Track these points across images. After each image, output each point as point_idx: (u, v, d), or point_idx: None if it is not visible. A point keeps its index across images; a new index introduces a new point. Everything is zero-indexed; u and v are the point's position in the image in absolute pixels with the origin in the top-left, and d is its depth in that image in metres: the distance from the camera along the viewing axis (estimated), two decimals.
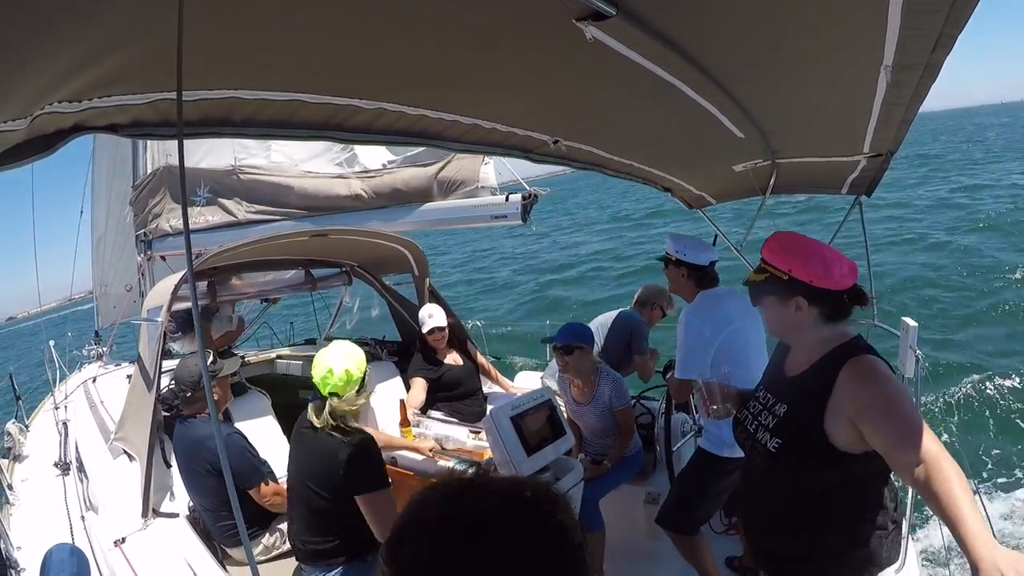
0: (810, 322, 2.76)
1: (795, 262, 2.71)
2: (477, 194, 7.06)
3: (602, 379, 5.24)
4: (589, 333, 5.37)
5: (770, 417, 2.88)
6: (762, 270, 2.85)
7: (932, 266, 20.75)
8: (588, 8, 1.63)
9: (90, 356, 10.35)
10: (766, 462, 2.85)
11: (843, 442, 2.55)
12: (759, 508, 3.04)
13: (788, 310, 2.78)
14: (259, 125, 2.19)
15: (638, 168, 4.56)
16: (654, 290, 6.90)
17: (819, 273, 2.68)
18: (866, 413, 2.45)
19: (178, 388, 4.64)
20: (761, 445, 2.86)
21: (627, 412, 5.28)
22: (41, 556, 3.46)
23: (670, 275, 4.69)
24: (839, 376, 2.58)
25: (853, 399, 2.51)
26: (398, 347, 7.93)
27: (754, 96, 2.88)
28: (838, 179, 5.01)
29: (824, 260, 2.71)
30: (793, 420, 2.75)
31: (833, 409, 2.57)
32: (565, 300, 24.25)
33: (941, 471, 2.13)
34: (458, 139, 3.02)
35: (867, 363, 2.58)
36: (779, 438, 2.78)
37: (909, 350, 4.01)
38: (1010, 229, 24.05)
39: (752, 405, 3.09)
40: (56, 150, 1.68)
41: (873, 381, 2.52)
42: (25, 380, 12.46)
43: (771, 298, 2.83)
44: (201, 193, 8.61)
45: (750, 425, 3.01)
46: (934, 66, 2.24)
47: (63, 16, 1.20)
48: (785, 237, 2.86)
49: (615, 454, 5.27)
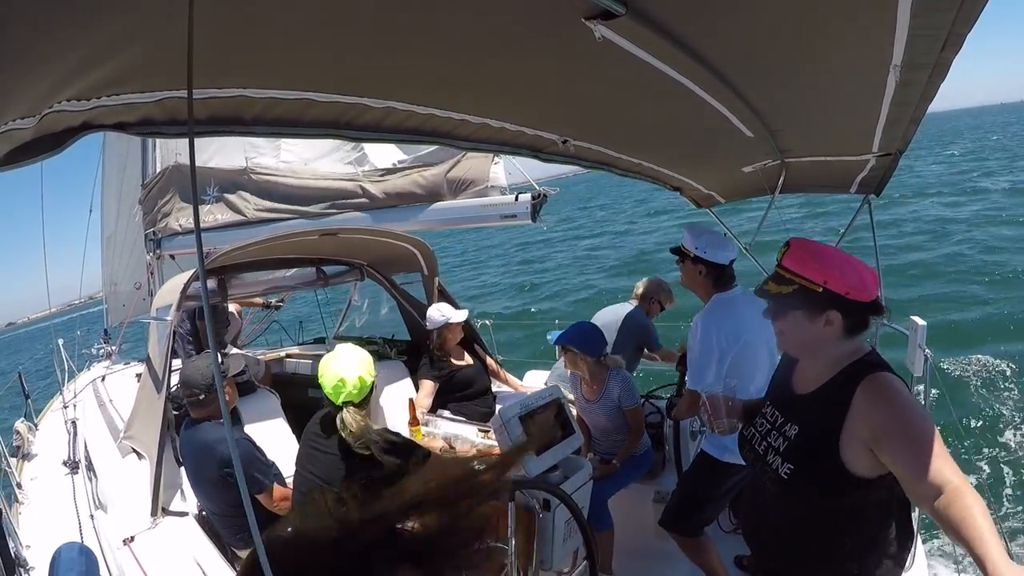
0: (834, 338, 2.60)
1: (831, 273, 2.51)
2: (487, 193, 7.04)
3: (611, 378, 5.22)
4: (583, 335, 5.29)
5: (780, 439, 2.75)
6: (788, 281, 2.61)
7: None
8: (597, 7, 1.63)
9: (99, 355, 10.38)
10: (777, 487, 2.72)
11: (859, 467, 2.45)
12: (766, 531, 2.96)
13: (817, 325, 2.57)
14: (268, 124, 2.18)
15: (647, 167, 4.56)
16: (655, 284, 6.90)
17: (855, 284, 2.51)
18: (883, 439, 2.34)
19: (187, 391, 4.62)
20: (772, 470, 2.73)
21: (636, 412, 5.27)
22: (50, 555, 3.47)
23: (686, 271, 4.50)
24: (855, 396, 2.47)
25: (869, 422, 2.40)
26: (407, 346, 7.94)
27: (763, 95, 2.87)
28: (847, 178, 5.00)
29: (856, 270, 2.55)
30: (806, 444, 2.63)
31: (848, 431, 2.46)
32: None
33: (962, 498, 2.05)
34: (467, 138, 3.01)
35: (884, 381, 2.46)
36: (791, 463, 2.64)
37: (918, 349, 4.00)
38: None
39: (759, 423, 2.95)
40: (65, 148, 1.68)
41: (888, 402, 2.41)
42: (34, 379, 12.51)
43: (798, 312, 2.61)
44: (211, 192, 8.64)
45: (758, 445, 2.88)
46: (943, 65, 2.23)
47: (72, 15, 1.20)
48: (810, 244, 2.68)
49: (624, 453, 5.27)
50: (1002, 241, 22.38)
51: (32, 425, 7.64)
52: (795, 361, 2.92)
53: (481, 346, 7.30)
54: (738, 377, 3.64)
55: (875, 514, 2.59)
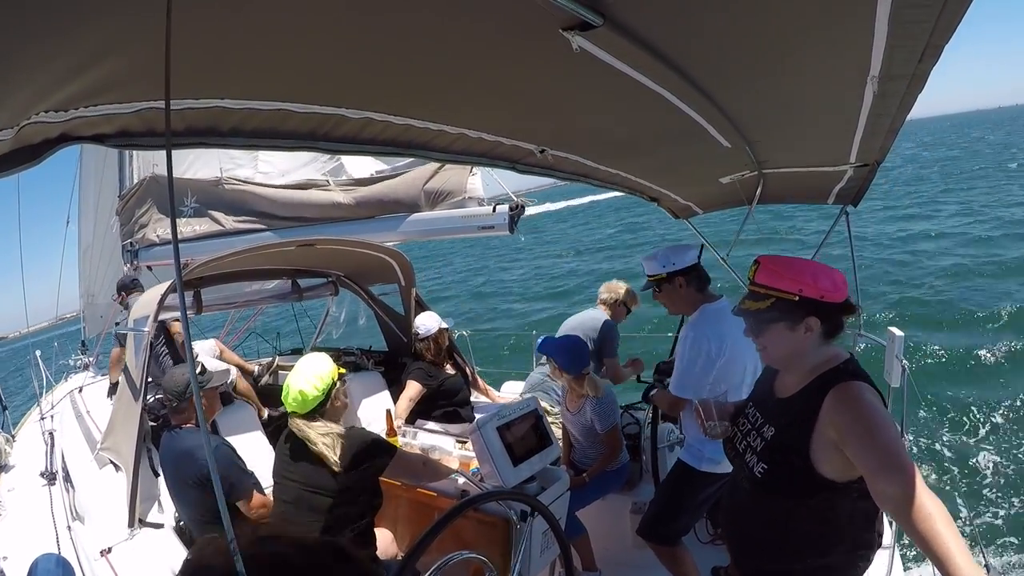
0: (813, 344, 2.69)
1: (804, 280, 2.63)
2: (465, 204, 7.04)
3: (587, 402, 5.23)
4: (565, 351, 5.31)
5: (758, 439, 2.84)
6: (764, 296, 2.72)
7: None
8: (575, 18, 1.63)
9: (77, 366, 10.34)
10: (751, 486, 2.83)
11: (829, 469, 2.53)
12: (742, 527, 3.02)
13: (797, 334, 2.68)
14: (245, 135, 2.19)
15: (624, 178, 4.56)
16: (618, 287, 6.89)
17: (828, 287, 2.62)
18: (847, 438, 2.42)
19: (165, 398, 4.61)
20: (748, 468, 2.83)
21: (611, 435, 5.26)
22: (27, 566, 3.46)
23: (667, 295, 4.49)
24: (824, 402, 2.54)
25: (835, 424, 2.48)
26: (384, 357, 7.94)
27: (740, 106, 2.88)
28: (825, 189, 5.02)
29: (826, 273, 2.66)
30: (780, 445, 2.71)
31: (819, 434, 2.54)
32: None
33: (921, 508, 2.12)
34: (444, 149, 3.01)
35: (853, 389, 2.53)
36: (765, 463, 2.74)
37: (896, 360, 4.03)
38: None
39: (742, 423, 3.05)
40: (43, 160, 1.68)
41: (855, 407, 2.48)
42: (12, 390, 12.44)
43: (778, 325, 2.70)
44: (188, 203, 8.61)
45: (739, 444, 2.98)
46: (921, 76, 2.25)
47: (49, 27, 1.20)
48: (778, 258, 2.78)
49: (594, 470, 5.28)
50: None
51: (9, 436, 7.60)
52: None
53: (460, 356, 7.33)
54: (728, 381, 3.69)
55: (844, 517, 2.64)
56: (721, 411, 3.24)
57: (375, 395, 7.10)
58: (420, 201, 7.24)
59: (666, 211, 6.13)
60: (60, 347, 11.14)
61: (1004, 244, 23.69)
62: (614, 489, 5.49)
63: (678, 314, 4.72)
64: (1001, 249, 22.90)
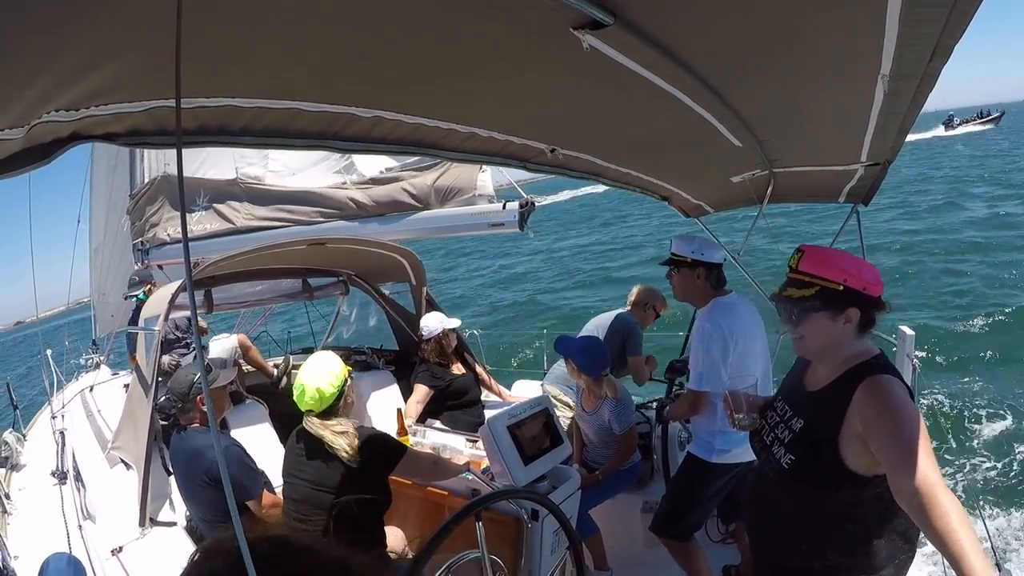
0: (849, 336, 2.69)
1: (849, 271, 2.62)
2: (474, 202, 7.02)
3: (605, 403, 5.22)
4: (585, 352, 5.31)
5: (786, 431, 2.83)
6: (808, 284, 2.69)
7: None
8: (586, 17, 1.63)
9: (88, 365, 10.36)
10: (778, 477, 2.82)
11: (856, 464, 2.53)
12: (767, 519, 3.01)
13: (837, 324, 2.67)
14: (256, 134, 2.18)
15: (635, 177, 4.55)
16: (648, 291, 6.85)
17: (871, 279, 2.63)
18: (872, 431, 2.42)
19: (172, 399, 4.61)
20: (775, 459, 2.83)
21: (627, 437, 5.26)
22: (38, 565, 3.46)
23: (682, 279, 4.48)
24: (854, 395, 2.55)
25: (863, 416, 2.48)
26: (395, 356, 7.93)
27: (752, 105, 2.87)
28: (835, 188, 5.01)
29: (867, 267, 2.68)
30: (808, 437, 2.71)
31: (847, 428, 2.54)
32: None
33: (937, 505, 2.12)
34: (455, 148, 3.01)
35: (882, 383, 2.53)
36: (792, 454, 2.74)
37: (906, 358, 4.02)
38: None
39: (770, 416, 3.04)
40: (53, 159, 1.67)
41: (883, 400, 2.48)
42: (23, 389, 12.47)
43: (820, 314, 2.68)
44: (200, 203, 8.61)
45: (767, 436, 2.98)
46: (931, 75, 2.24)
47: (60, 26, 1.20)
48: (821, 248, 2.79)
49: (607, 469, 5.28)
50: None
51: (20, 435, 7.60)
52: (808, 360, 2.99)
53: (471, 355, 7.30)
54: (742, 374, 3.69)
55: (870, 512, 2.63)
56: (751, 403, 3.22)
57: (386, 394, 7.09)
58: (430, 198, 7.23)
59: (677, 210, 6.11)
60: (70, 345, 11.17)
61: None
62: (626, 488, 5.49)
63: (683, 301, 4.67)
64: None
